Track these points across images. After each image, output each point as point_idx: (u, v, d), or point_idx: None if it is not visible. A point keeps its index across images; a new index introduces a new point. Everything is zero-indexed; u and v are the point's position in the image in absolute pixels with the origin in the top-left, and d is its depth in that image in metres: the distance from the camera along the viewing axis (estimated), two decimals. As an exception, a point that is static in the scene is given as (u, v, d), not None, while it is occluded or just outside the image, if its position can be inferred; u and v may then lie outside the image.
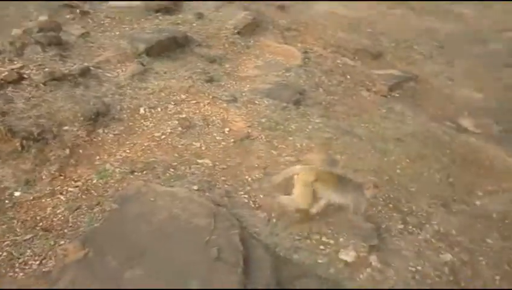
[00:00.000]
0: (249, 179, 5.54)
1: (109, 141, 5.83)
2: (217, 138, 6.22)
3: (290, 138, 6.48)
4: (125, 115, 6.30)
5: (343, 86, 8.79)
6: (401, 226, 5.24)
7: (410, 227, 5.26)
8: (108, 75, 7.15)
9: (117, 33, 8.56)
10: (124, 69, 7.35)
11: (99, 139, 5.82)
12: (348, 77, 9.18)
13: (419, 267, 4.70)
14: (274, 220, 4.89)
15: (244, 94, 7.45)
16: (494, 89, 9.86)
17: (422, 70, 10.36)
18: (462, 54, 11.23)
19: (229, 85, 7.74)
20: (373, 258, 4.63)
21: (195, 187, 5.10)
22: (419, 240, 5.08)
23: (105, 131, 5.95)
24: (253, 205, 5.09)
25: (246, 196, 5.23)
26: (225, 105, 6.97)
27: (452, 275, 4.71)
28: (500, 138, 7.78)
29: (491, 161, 6.85)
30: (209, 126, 6.42)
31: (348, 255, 4.56)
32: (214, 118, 6.63)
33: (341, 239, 4.76)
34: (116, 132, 5.98)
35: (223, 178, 5.45)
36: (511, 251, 5.19)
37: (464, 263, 4.89)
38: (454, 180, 6.24)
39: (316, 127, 6.94)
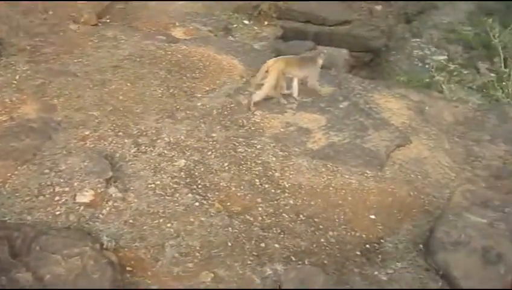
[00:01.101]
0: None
1: None
2: None
3: (-3, 96, 5.87)
4: None
5: (48, 23, 8.14)
6: (135, 149, 5.37)
7: (143, 147, 5.43)
8: None
9: None
10: None
11: None
12: (51, 12, 8.50)
13: (158, 182, 4.95)
14: (-2, 190, 4.51)
15: None
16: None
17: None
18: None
19: None
20: (112, 190, 4.69)
21: None
22: (154, 157, 5.31)
23: None
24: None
25: (-42, 175, 4.64)
26: None
27: (188, 177, 5.10)
28: (207, 38, 8.35)
29: (203, 62, 7.34)
30: None
31: (85, 196, 4.53)
32: None
33: (75, 183, 4.67)
34: None
35: None
36: (234, 137, 5.83)
37: (196, 163, 5.32)
38: (175, 90, 6.55)
39: (24, 75, 6.42)
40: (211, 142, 5.68)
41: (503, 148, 6.09)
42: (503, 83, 8.39)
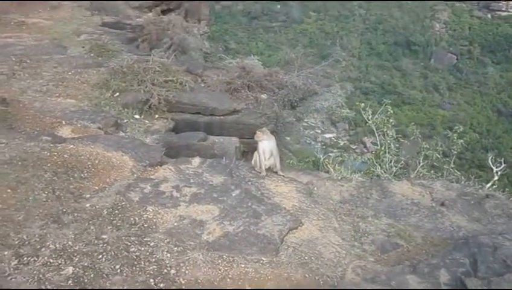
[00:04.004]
0: None
1: None
2: None
3: None
4: None
5: None
6: (16, 262, 4.98)
7: (25, 258, 5.05)
8: None
9: None
10: None
11: None
12: None
13: (43, 295, 4.60)
14: None
15: None
16: (83, 92, 10.35)
17: (10, 91, 9.94)
18: (45, 64, 11.30)
19: None
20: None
21: None
22: (38, 267, 4.95)
23: None
24: None
25: None
26: None
27: (77, 285, 4.80)
28: (96, 136, 8.21)
29: (92, 161, 7.17)
30: None
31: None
32: None
33: None
34: None
35: None
36: (126, 237, 5.65)
37: (85, 268, 5.03)
38: (61, 192, 6.29)
39: None
40: (101, 245, 5.44)
41: (385, 222, 6.51)
42: (381, 160, 9.10)
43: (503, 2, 68.33)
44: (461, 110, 59.92)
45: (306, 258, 5.68)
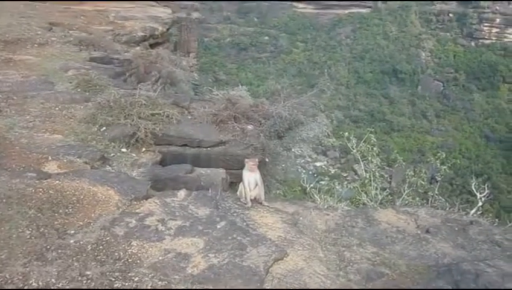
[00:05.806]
0: None
1: None
2: None
3: None
4: None
5: None
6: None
7: (9, 298, 5.02)
8: None
9: None
10: None
11: None
12: None
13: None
14: None
15: None
16: (70, 127, 10.40)
17: (-4, 127, 9.97)
18: (32, 100, 11.37)
19: None
20: None
21: None
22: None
23: None
24: None
25: None
26: None
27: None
28: (82, 171, 8.24)
29: (77, 196, 7.17)
30: None
31: None
32: None
33: None
34: None
35: None
36: (110, 273, 5.62)
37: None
38: (45, 229, 6.26)
39: None
40: (84, 281, 5.41)
41: (370, 250, 6.55)
42: (368, 188, 9.19)
43: (486, 31, 70.06)
44: (449, 136, 60.63)
45: (291, 289, 5.68)
